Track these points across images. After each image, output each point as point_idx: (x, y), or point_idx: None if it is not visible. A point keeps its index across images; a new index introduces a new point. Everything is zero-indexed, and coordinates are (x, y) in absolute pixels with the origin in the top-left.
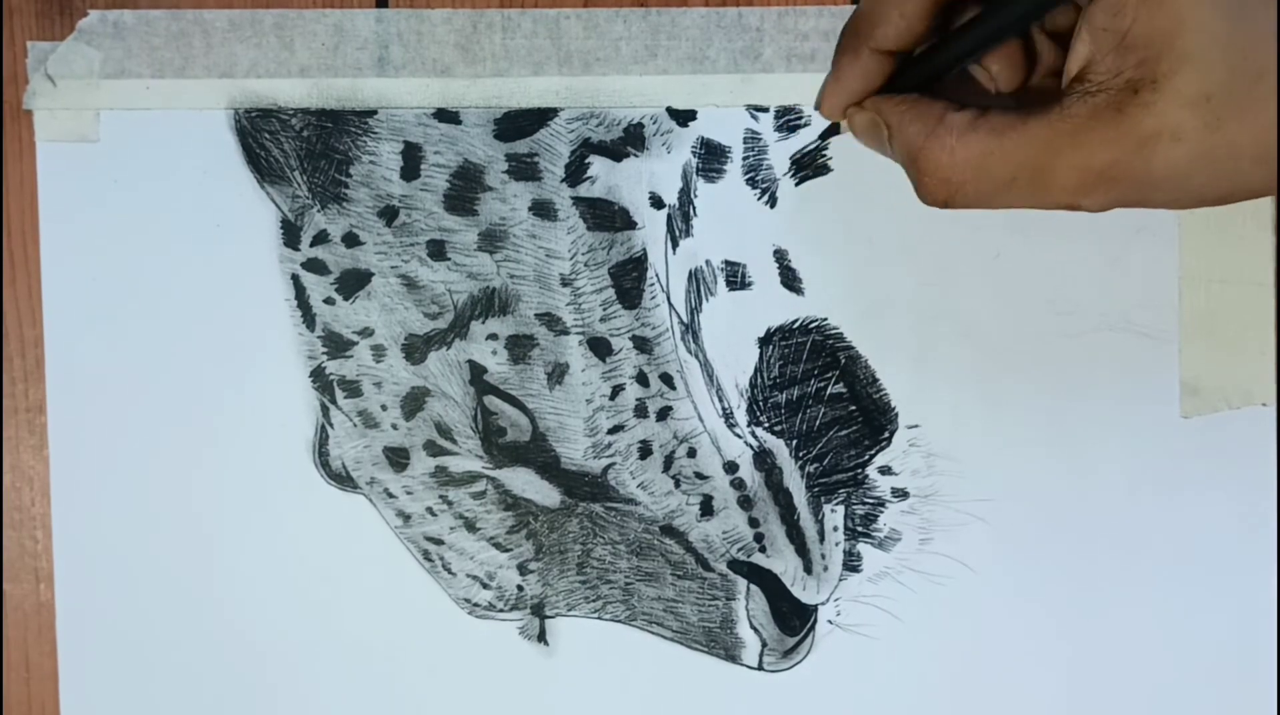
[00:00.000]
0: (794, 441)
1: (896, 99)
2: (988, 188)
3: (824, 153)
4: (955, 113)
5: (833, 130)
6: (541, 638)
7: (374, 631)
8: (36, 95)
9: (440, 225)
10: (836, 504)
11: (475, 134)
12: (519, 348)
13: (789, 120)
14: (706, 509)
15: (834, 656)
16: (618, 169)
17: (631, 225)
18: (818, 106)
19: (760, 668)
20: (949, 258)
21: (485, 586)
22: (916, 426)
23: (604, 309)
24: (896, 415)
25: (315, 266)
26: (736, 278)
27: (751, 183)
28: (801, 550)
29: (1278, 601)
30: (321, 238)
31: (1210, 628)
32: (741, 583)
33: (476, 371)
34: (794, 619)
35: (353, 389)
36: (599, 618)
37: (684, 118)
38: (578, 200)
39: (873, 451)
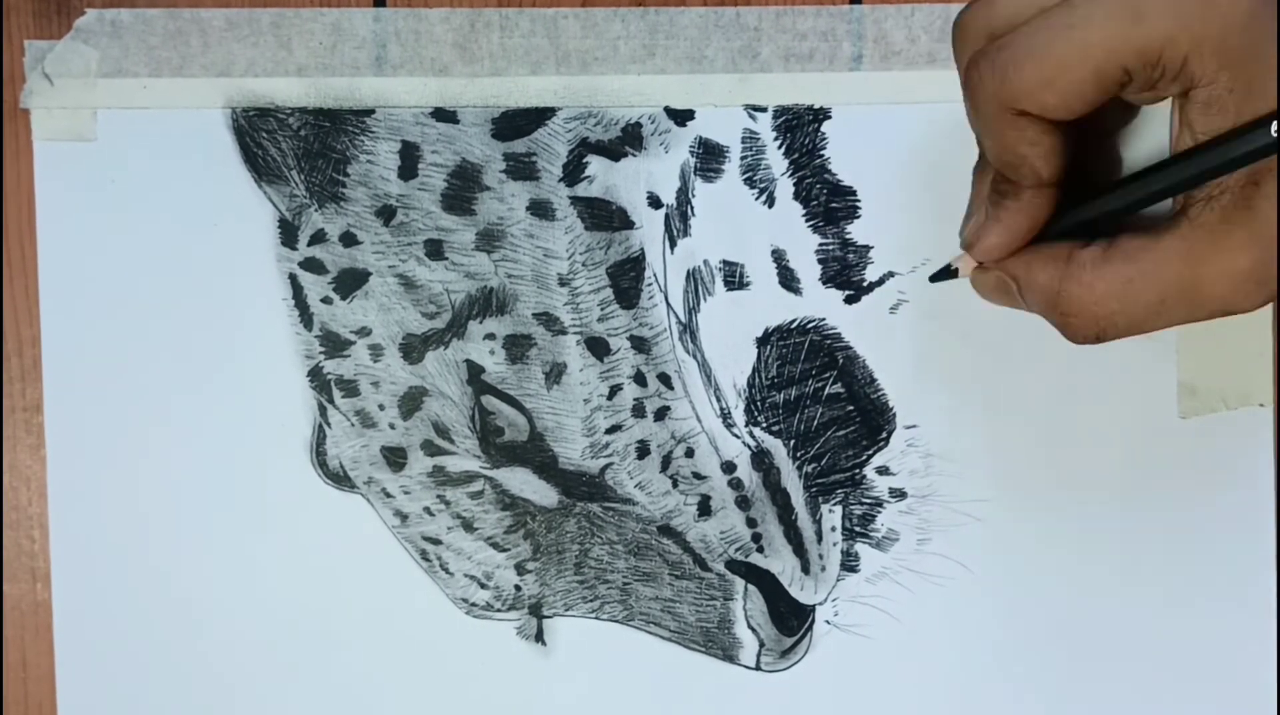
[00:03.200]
0: (792, 442)
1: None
2: (1138, 314)
3: (823, 150)
4: (1082, 249)
5: (947, 273)
6: (539, 638)
7: (371, 631)
8: (34, 94)
9: (438, 225)
10: (834, 504)
11: (473, 133)
12: (516, 347)
13: (786, 121)
14: (704, 509)
15: (832, 657)
16: (615, 169)
17: (629, 225)
18: (967, 244)
19: (758, 668)
20: (947, 256)
21: (483, 586)
22: (914, 427)
23: (602, 309)
24: (894, 415)
25: (313, 266)
26: (734, 278)
27: (749, 182)
28: (799, 550)
29: (1277, 602)
30: (319, 237)
31: (1209, 628)
32: (739, 583)
33: (474, 371)
34: (791, 619)
35: (350, 388)
36: (596, 618)
37: (682, 117)
38: (575, 200)
39: (870, 452)
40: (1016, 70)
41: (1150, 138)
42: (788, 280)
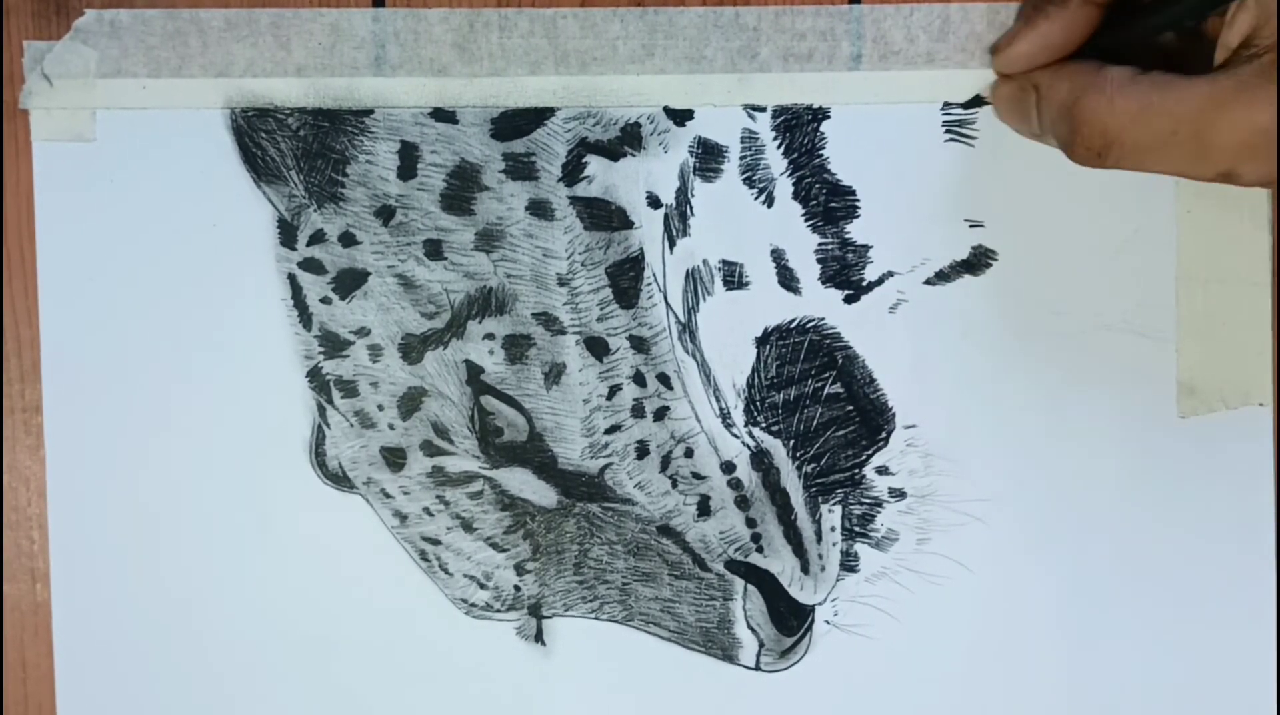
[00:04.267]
0: (791, 441)
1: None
2: (1146, 140)
3: (822, 149)
4: (1114, 68)
5: (977, 102)
6: (538, 638)
7: (370, 632)
8: (33, 94)
9: (437, 225)
10: (834, 504)
11: (472, 133)
12: (516, 347)
13: (785, 120)
14: (704, 509)
15: (831, 657)
16: (615, 169)
17: (628, 225)
18: (995, 50)
19: (757, 668)
20: (947, 256)
21: (482, 586)
22: (914, 426)
23: (601, 309)
24: (894, 415)
25: (312, 266)
26: (734, 277)
27: (749, 182)
28: (799, 550)
29: (1276, 601)
30: (318, 237)
31: (1208, 627)
32: (739, 583)
33: (473, 371)
34: (791, 619)
35: (349, 389)
36: (596, 618)
37: (681, 117)
38: (574, 200)
39: (870, 451)
40: None
41: None
42: (787, 280)
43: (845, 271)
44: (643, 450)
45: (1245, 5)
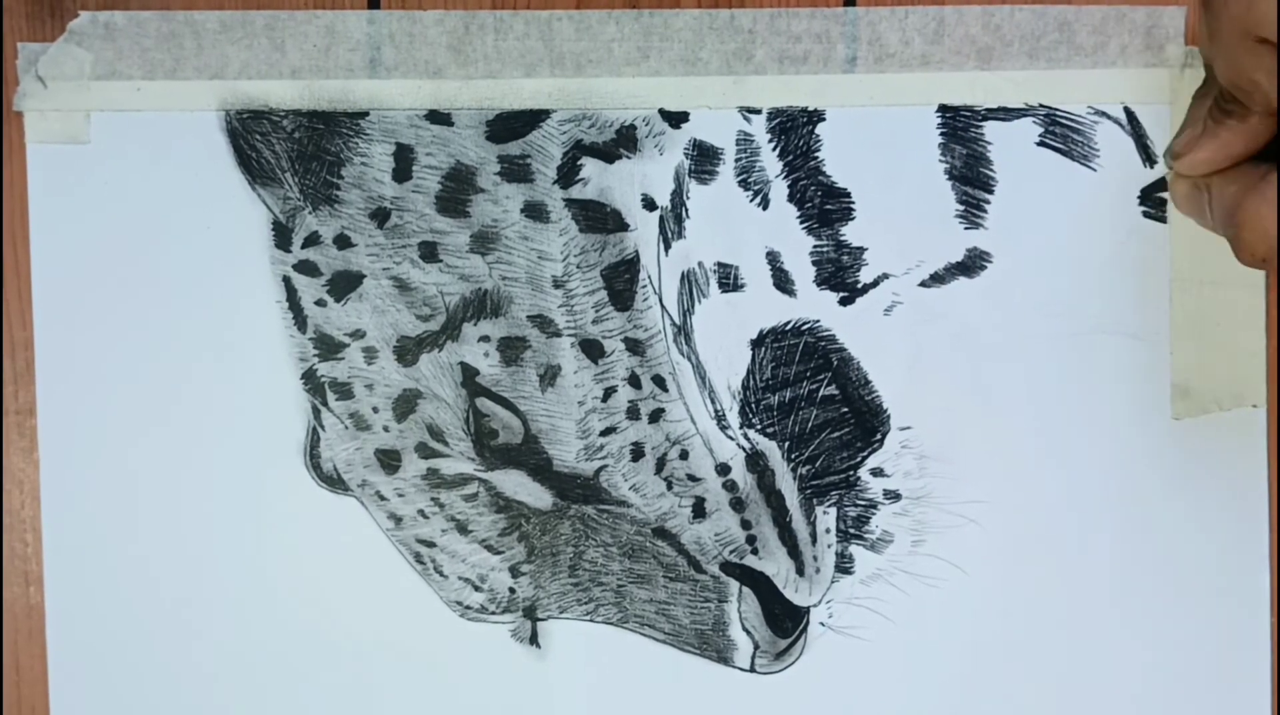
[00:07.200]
0: (786, 443)
1: None
2: None
3: (817, 151)
4: (1275, 172)
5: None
6: (533, 640)
7: (365, 634)
8: (27, 97)
9: (432, 227)
10: (829, 506)
11: (467, 135)
12: (511, 350)
13: (781, 123)
14: (698, 511)
15: (826, 659)
16: (610, 171)
17: (624, 227)
18: (1175, 154)
19: (752, 670)
20: (942, 259)
21: (477, 589)
22: (908, 428)
23: (596, 311)
24: (888, 417)
25: (307, 268)
26: (729, 280)
27: (744, 185)
28: (793, 552)
29: (1272, 602)
30: (313, 239)
31: (1203, 629)
32: (733, 585)
33: (468, 373)
34: (786, 621)
35: (344, 391)
36: (591, 620)
37: (676, 119)
38: (570, 202)
39: (865, 453)
40: None
41: None
42: (782, 282)
43: (840, 273)
44: (638, 452)
45: None
